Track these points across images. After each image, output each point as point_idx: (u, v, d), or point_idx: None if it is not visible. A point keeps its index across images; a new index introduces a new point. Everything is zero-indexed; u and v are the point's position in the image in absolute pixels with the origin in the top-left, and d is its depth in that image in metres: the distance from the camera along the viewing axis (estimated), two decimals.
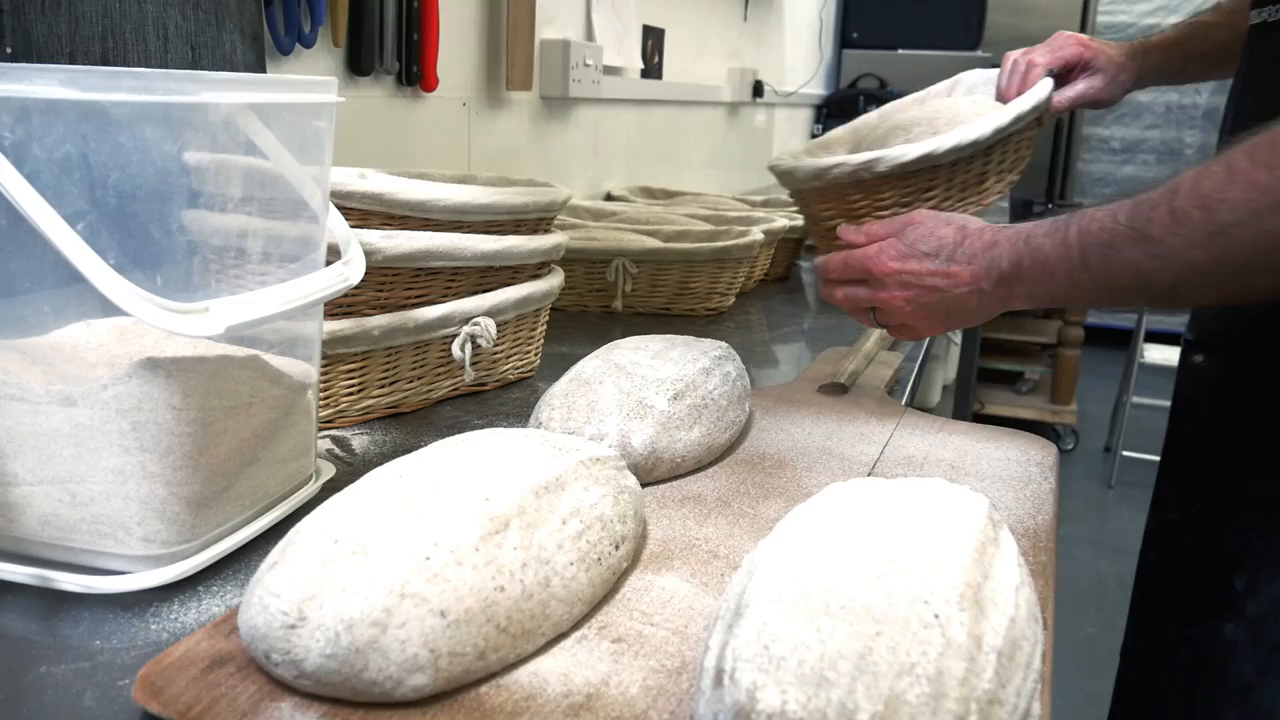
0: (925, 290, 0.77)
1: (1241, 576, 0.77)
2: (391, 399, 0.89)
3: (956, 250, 0.75)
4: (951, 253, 0.76)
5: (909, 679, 0.39)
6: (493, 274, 0.95)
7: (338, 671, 0.44)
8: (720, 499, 0.70)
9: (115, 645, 0.52)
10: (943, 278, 0.76)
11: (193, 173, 0.56)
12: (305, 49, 1.06)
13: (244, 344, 0.62)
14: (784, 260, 1.65)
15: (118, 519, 0.56)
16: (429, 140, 1.36)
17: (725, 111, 2.63)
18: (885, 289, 0.79)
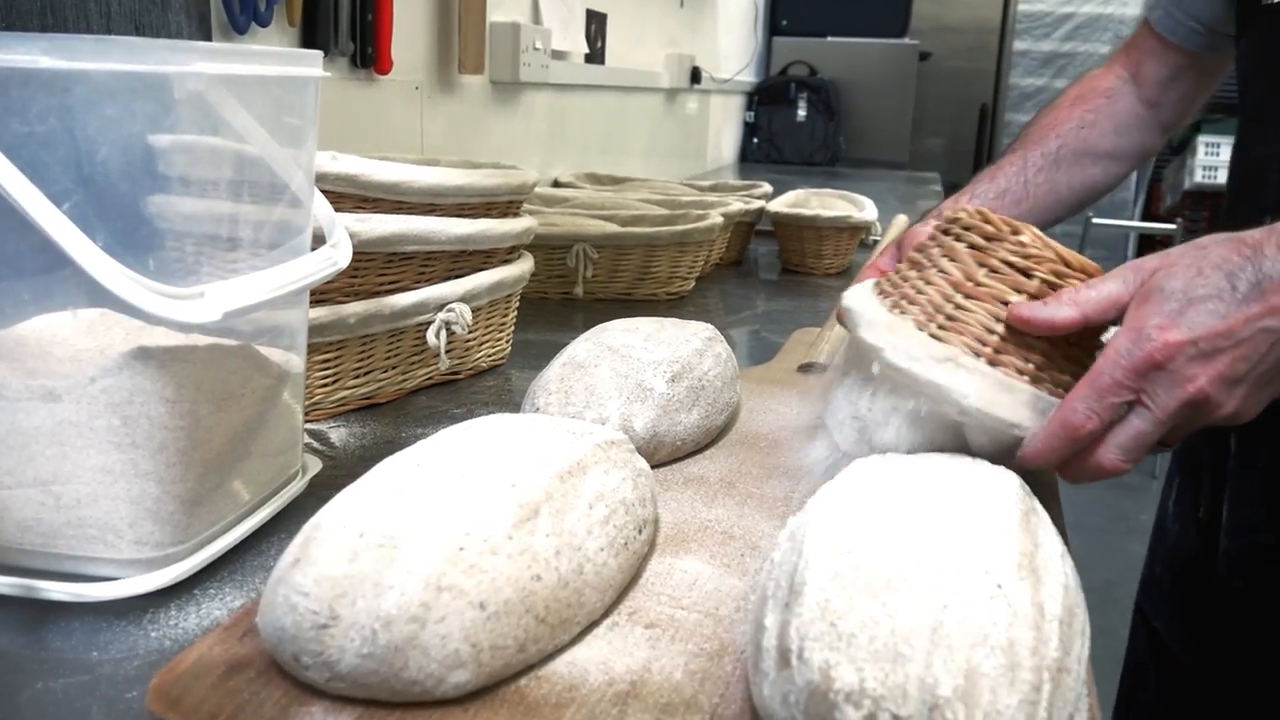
0: (1247, 349, 0.53)
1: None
2: (366, 390, 0.86)
3: (1259, 274, 0.54)
4: (1255, 281, 0.53)
5: (984, 650, 0.38)
6: (465, 259, 0.92)
7: (375, 672, 0.42)
8: (724, 480, 0.69)
9: (115, 656, 0.49)
10: (1269, 315, 0.53)
11: (177, 151, 0.53)
12: (260, 28, 1.02)
13: (232, 332, 0.58)
14: (737, 244, 1.65)
15: (106, 521, 0.53)
16: (382, 124, 1.32)
17: (664, 98, 2.62)
18: (1180, 381, 0.53)
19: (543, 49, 1.71)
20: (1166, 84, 0.98)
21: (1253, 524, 0.83)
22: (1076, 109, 0.99)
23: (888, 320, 0.61)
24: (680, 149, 2.89)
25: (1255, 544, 0.84)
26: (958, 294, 0.60)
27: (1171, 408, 0.53)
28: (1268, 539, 0.82)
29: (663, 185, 1.83)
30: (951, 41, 4.49)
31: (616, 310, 1.28)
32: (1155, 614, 1.01)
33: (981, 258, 0.61)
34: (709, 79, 2.91)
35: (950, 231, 0.64)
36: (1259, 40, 0.82)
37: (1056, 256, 0.60)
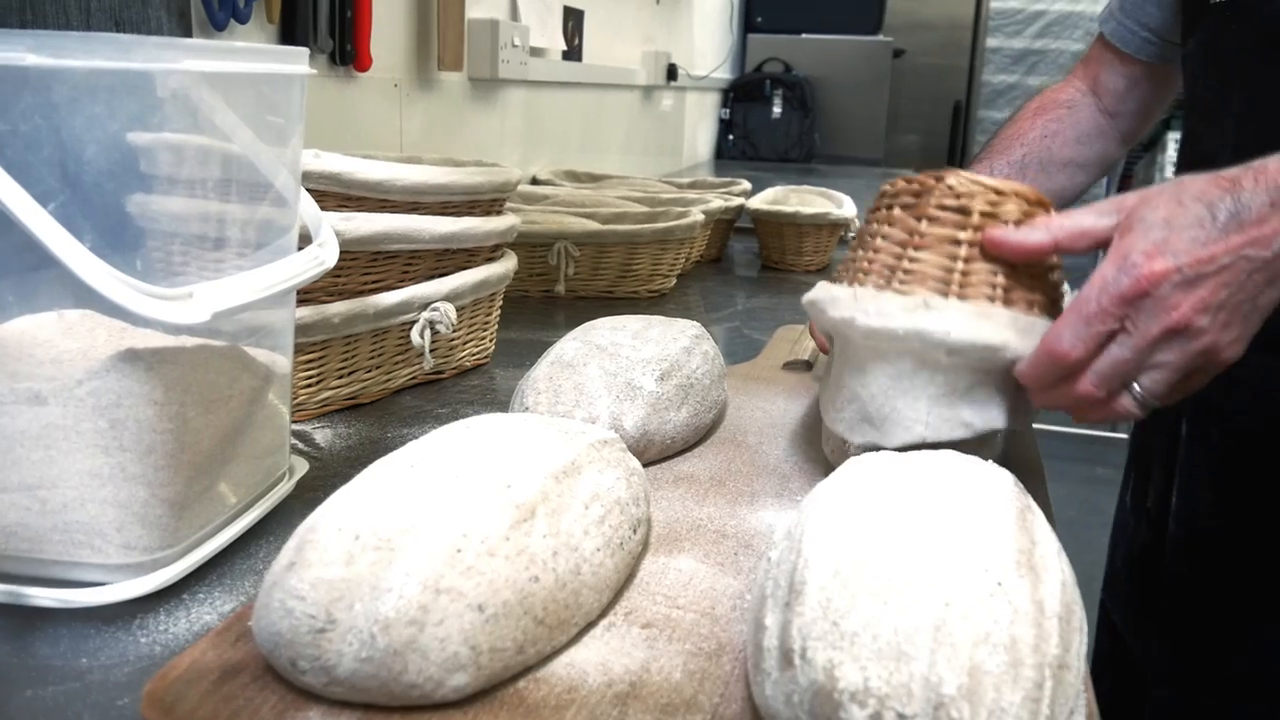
0: (1227, 276, 0.54)
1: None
2: (350, 390, 0.85)
3: (1237, 205, 0.54)
4: (1234, 211, 0.54)
5: (987, 648, 0.38)
6: (448, 258, 0.92)
7: (374, 676, 0.41)
8: (714, 478, 0.69)
9: (105, 663, 0.48)
10: (1249, 245, 0.54)
11: (164, 150, 0.52)
12: (240, 24, 1.01)
13: (219, 333, 0.57)
14: (717, 241, 1.65)
15: (94, 526, 0.52)
16: (361, 122, 1.31)
17: (640, 95, 2.62)
18: (1163, 308, 0.54)
19: (521, 46, 1.70)
20: (1124, 94, 1.00)
21: (1200, 510, 0.84)
22: (1039, 119, 1.01)
23: (849, 293, 0.62)
24: (657, 146, 2.89)
25: (1201, 530, 0.84)
26: (907, 250, 0.62)
27: (1153, 334, 0.54)
28: (1213, 524, 0.83)
29: (641, 183, 1.83)
30: (925, 38, 4.51)
31: (598, 308, 1.28)
32: (1115, 608, 1.02)
33: (917, 212, 0.63)
34: (685, 76, 2.91)
35: (880, 206, 0.66)
36: (1207, 38, 0.83)
37: (987, 188, 0.61)
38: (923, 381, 0.61)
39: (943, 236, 0.61)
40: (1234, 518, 0.82)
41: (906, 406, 0.61)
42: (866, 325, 0.60)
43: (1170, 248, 0.54)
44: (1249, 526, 0.81)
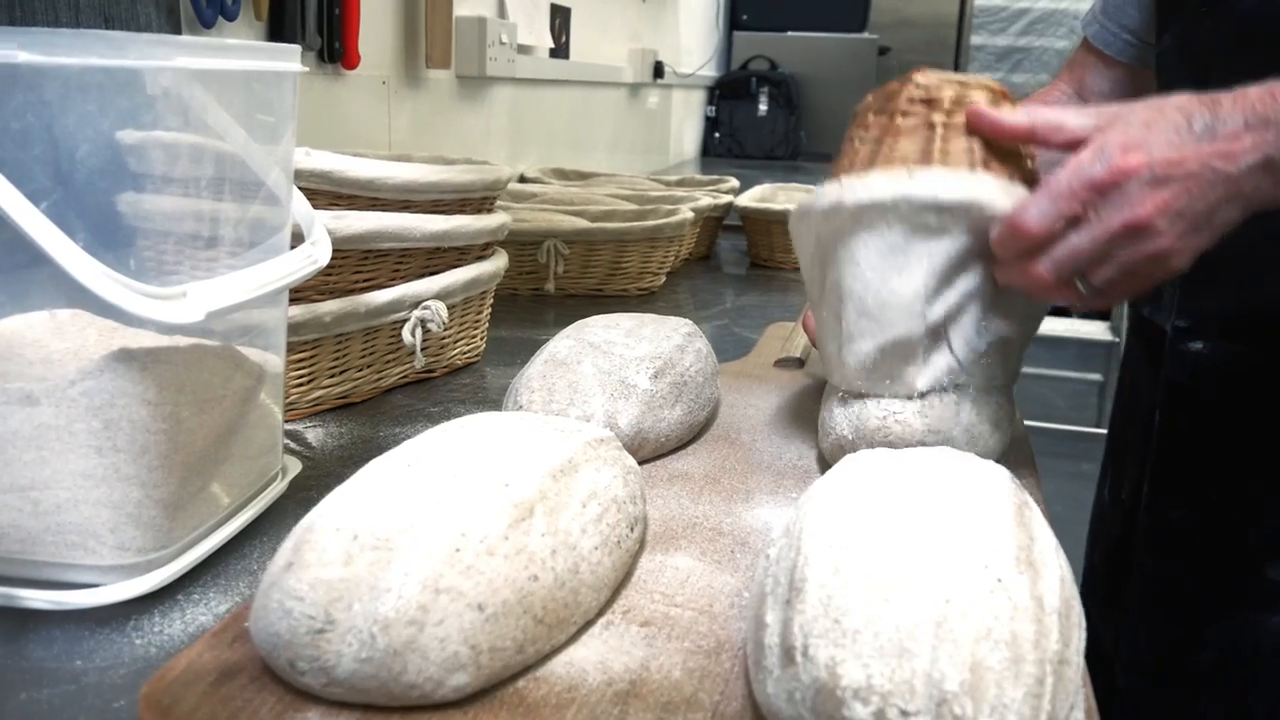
0: (1192, 183, 0.55)
1: (1276, 565, 0.75)
2: (342, 389, 0.85)
3: (1214, 120, 0.56)
4: (1210, 124, 0.56)
5: (988, 644, 0.38)
6: (439, 256, 0.91)
7: (374, 676, 0.41)
8: (708, 476, 0.69)
9: (100, 665, 0.48)
10: (1218, 158, 0.55)
11: (157, 148, 0.52)
12: (228, 21, 1.00)
13: (213, 333, 0.57)
14: (705, 239, 1.65)
15: (87, 527, 0.52)
16: (349, 119, 1.31)
17: (627, 92, 2.62)
18: (1128, 203, 0.55)
19: (508, 43, 1.69)
20: (1108, 96, 1.01)
21: (1169, 501, 0.85)
22: None
23: (832, 186, 0.64)
24: (643, 144, 2.88)
25: (1170, 520, 0.85)
26: (884, 140, 0.64)
27: (1114, 227, 0.56)
28: (1181, 514, 0.84)
29: (630, 180, 1.83)
30: (910, 36, 4.51)
31: (587, 306, 1.27)
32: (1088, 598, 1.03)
33: (890, 110, 0.65)
34: (671, 73, 2.91)
35: (854, 121, 0.69)
36: (1181, 34, 0.83)
37: (953, 80, 0.64)
38: (916, 253, 0.61)
39: (917, 125, 0.63)
40: (1202, 508, 0.82)
41: (904, 285, 0.62)
42: (854, 201, 0.61)
43: (1145, 145, 0.56)
44: (1216, 516, 0.81)
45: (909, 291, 0.62)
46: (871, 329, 0.63)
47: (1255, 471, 0.77)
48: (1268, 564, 0.75)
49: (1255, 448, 0.77)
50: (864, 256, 0.62)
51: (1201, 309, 0.81)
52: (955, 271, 0.62)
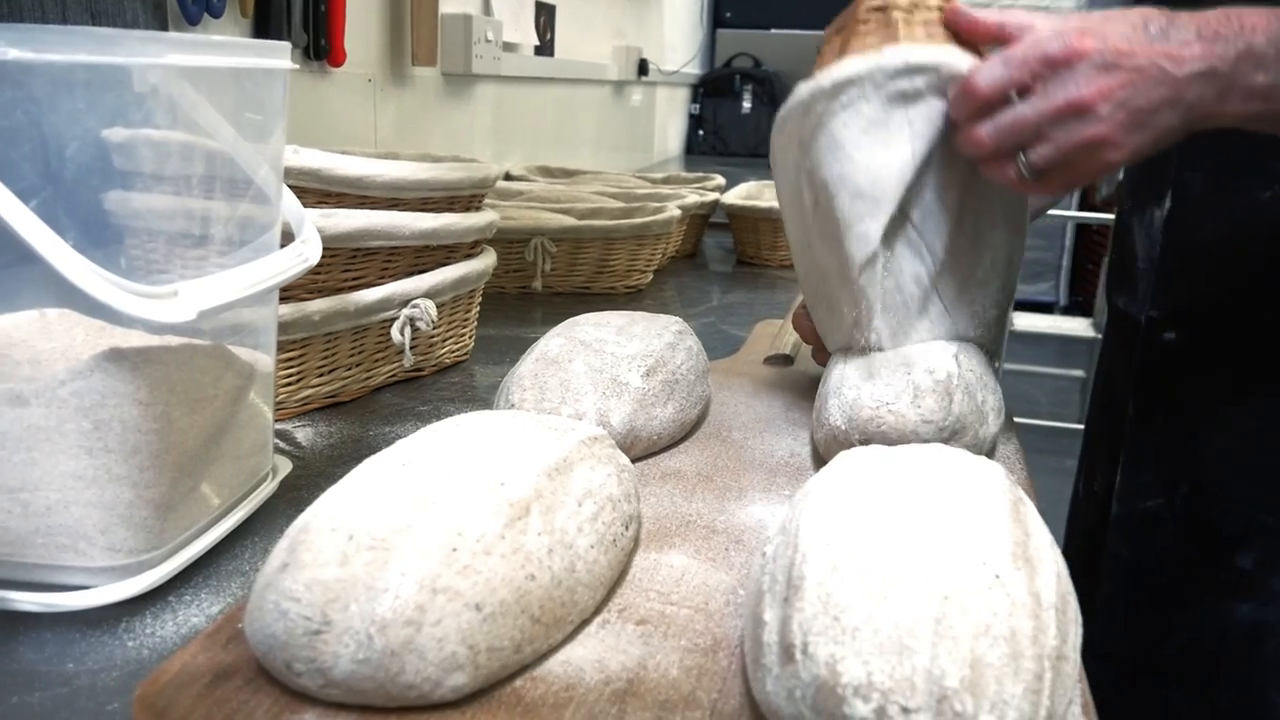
0: (1137, 76, 0.58)
1: (1247, 554, 0.75)
2: (330, 388, 0.84)
3: (1169, 26, 0.59)
4: (1164, 28, 0.59)
5: (987, 640, 0.38)
6: (428, 254, 0.91)
7: (371, 677, 0.41)
8: (701, 474, 0.69)
9: (92, 667, 0.48)
10: (1166, 58, 0.58)
11: (147, 146, 0.51)
12: (213, 19, 0.99)
13: (203, 332, 0.57)
14: (692, 237, 1.64)
15: (78, 528, 0.51)
16: (335, 117, 1.30)
17: (612, 90, 2.61)
18: (1075, 83, 0.58)
19: (494, 41, 1.69)
20: None
21: (1141, 490, 0.86)
22: None
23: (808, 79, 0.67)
24: (628, 142, 2.88)
25: (1141, 511, 0.86)
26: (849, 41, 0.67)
27: (1058, 102, 0.59)
28: (1152, 504, 0.84)
29: (615, 178, 1.83)
30: None
31: (574, 304, 1.27)
32: None
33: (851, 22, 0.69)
34: (656, 71, 2.91)
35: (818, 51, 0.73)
36: None
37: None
38: (897, 122, 0.64)
39: (877, 27, 0.66)
40: (1173, 497, 0.83)
41: (892, 157, 0.64)
42: (831, 81, 0.64)
43: (1101, 34, 0.59)
44: (1187, 506, 0.82)
45: (898, 162, 0.64)
46: (870, 208, 0.65)
47: (1225, 460, 0.78)
48: (1237, 552, 0.76)
49: (1225, 436, 0.78)
50: (848, 137, 0.65)
51: (1174, 299, 0.82)
52: (937, 144, 0.65)
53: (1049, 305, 5.28)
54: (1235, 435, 0.77)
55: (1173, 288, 0.81)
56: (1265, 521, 0.74)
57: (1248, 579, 0.75)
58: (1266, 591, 0.74)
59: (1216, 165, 0.77)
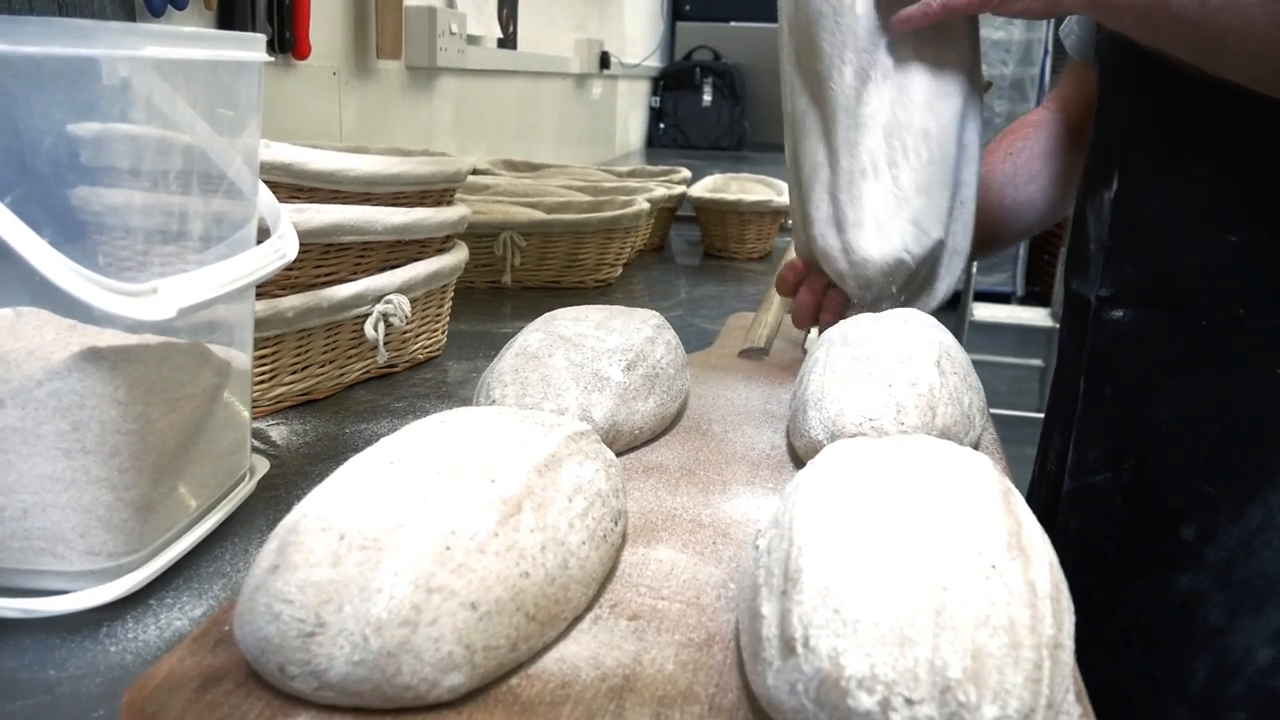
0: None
1: (1189, 526, 0.77)
2: (303, 385, 0.83)
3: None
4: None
5: (987, 631, 0.38)
6: (400, 249, 0.90)
7: (367, 679, 0.40)
8: (683, 468, 0.68)
9: (74, 674, 0.47)
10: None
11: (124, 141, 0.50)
12: (177, 10, 0.97)
13: (181, 330, 0.56)
14: (659, 231, 1.64)
15: (56, 532, 0.50)
16: (300, 111, 1.28)
17: (574, 83, 2.60)
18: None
19: (458, 34, 1.67)
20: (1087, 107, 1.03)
21: (1090, 465, 0.87)
22: (1005, 139, 1.05)
23: None
24: (590, 135, 2.87)
25: (1090, 485, 0.87)
26: None
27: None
28: (1100, 479, 0.86)
29: (581, 172, 1.82)
30: None
31: (544, 298, 1.27)
32: None
33: None
34: (618, 64, 2.90)
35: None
36: None
37: None
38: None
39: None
40: (1120, 471, 0.84)
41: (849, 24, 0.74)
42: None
43: None
44: (1134, 480, 0.83)
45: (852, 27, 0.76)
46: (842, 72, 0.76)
47: (1170, 435, 0.79)
48: (1180, 524, 0.77)
49: (1168, 411, 0.79)
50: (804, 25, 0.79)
51: (1120, 278, 0.84)
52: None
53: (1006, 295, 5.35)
54: (1177, 409, 0.79)
55: (1119, 267, 0.84)
56: (1206, 493, 0.76)
57: (1189, 550, 0.76)
58: (1202, 561, 0.75)
59: (1158, 148, 0.79)
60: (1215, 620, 0.74)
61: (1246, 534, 0.73)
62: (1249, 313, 0.72)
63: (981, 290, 3.81)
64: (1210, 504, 0.75)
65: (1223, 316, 0.74)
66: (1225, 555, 0.74)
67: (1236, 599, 0.73)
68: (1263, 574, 0.73)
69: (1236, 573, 0.73)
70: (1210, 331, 0.75)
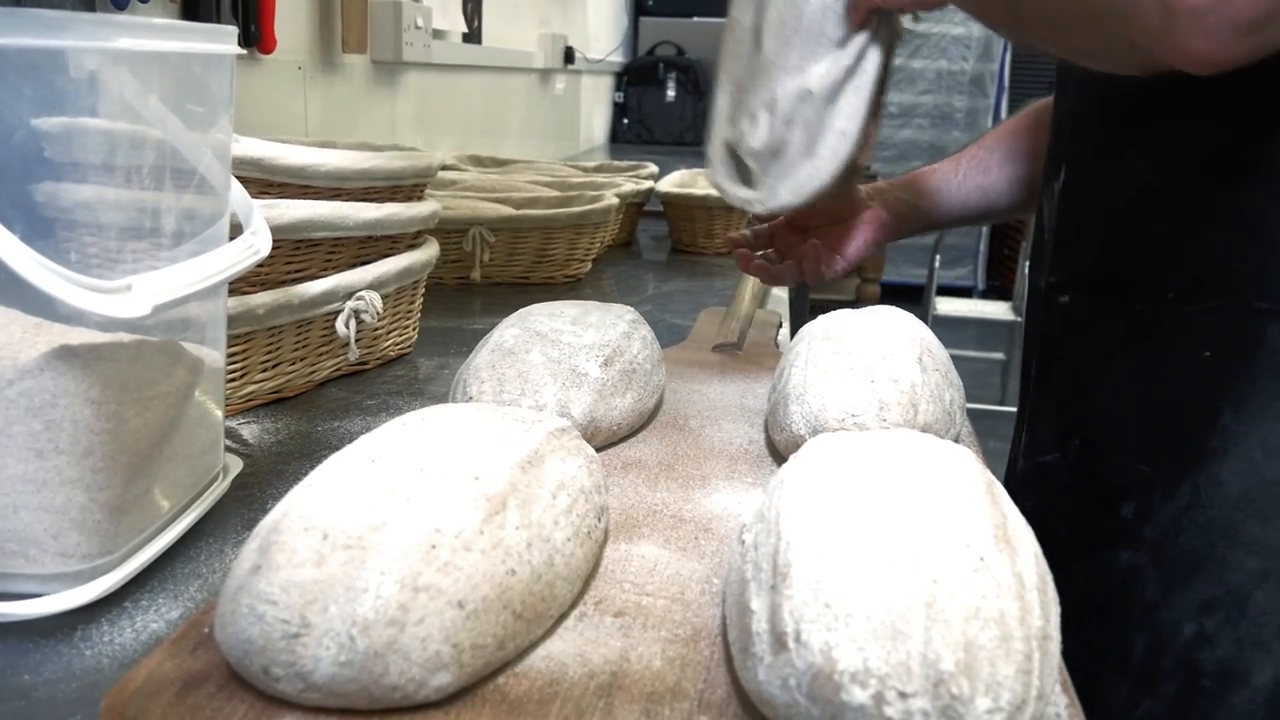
0: None
1: (1129, 504, 0.79)
2: (274, 383, 0.82)
3: None
4: None
5: (978, 623, 0.38)
6: (371, 245, 0.89)
7: (354, 679, 0.40)
8: (662, 463, 0.68)
9: (49, 678, 0.46)
10: None
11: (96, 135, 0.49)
12: (141, 3, 0.96)
13: (154, 327, 0.55)
14: (627, 226, 1.64)
15: (28, 534, 0.49)
16: (265, 105, 1.27)
17: (539, 78, 2.59)
18: None
19: (424, 28, 1.66)
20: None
21: (1041, 445, 0.89)
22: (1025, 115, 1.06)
23: None
24: (555, 130, 2.86)
25: (1041, 465, 0.89)
26: None
27: None
28: (1049, 458, 0.88)
29: (548, 167, 1.81)
30: None
31: (514, 294, 1.26)
32: None
33: None
34: (582, 59, 2.89)
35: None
36: None
37: None
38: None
39: None
40: (1066, 452, 0.87)
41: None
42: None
43: None
44: (1078, 459, 0.85)
45: None
46: None
47: (1110, 416, 0.82)
48: (1121, 502, 0.79)
49: (1108, 392, 0.82)
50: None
51: (1066, 265, 0.86)
52: None
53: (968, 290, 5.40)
54: (1116, 390, 0.81)
55: (1065, 254, 0.86)
56: (1143, 472, 0.78)
57: (1128, 528, 0.78)
58: (1140, 539, 0.77)
59: (1097, 140, 0.82)
60: (1151, 595, 0.76)
61: (1178, 512, 0.76)
62: (1176, 298, 0.75)
63: (943, 285, 3.85)
64: (1147, 483, 0.77)
65: (1154, 302, 0.77)
66: (1160, 533, 0.76)
67: (1169, 575, 0.76)
68: (1190, 550, 0.75)
69: (1169, 549, 0.76)
70: (1143, 317, 0.78)
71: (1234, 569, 0.73)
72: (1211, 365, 0.72)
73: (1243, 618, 0.73)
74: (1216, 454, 0.73)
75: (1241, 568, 0.73)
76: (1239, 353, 0.71)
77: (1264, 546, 0.72)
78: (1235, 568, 0.73)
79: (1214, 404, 0.72)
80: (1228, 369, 0.72)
